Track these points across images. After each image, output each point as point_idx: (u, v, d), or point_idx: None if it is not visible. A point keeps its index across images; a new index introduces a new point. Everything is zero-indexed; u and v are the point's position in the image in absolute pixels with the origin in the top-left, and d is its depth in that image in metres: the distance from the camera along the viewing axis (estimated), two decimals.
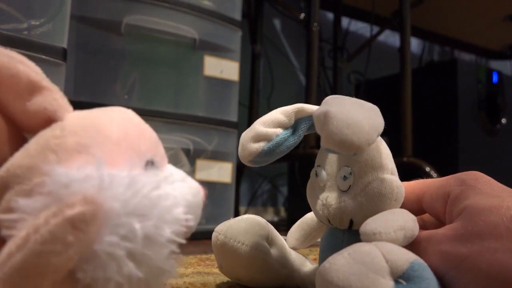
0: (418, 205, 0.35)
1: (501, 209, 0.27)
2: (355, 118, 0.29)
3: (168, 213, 0.25)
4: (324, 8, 1.73)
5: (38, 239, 0.20)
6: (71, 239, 0.21)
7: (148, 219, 0.24)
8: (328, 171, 0.36)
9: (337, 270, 0.26)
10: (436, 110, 1.48)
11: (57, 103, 0.27)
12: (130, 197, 0.23)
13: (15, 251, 0.20)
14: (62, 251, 0.21)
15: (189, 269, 0.55)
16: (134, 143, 0.27)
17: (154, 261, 0.24)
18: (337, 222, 0.35)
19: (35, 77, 0.26)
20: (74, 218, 0.21)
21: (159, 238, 0.24)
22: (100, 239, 0.22)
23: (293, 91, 1.75)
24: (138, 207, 0.23)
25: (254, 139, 0.36)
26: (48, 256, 0.21)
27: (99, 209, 0.22)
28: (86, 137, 0.26)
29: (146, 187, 0.24)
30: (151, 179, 0.25)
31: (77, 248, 0.21)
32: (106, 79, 0.92)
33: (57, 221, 0.21)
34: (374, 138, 0.30)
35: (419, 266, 0.28)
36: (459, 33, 1.94)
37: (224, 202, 1.04)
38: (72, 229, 0.21)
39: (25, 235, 0.21)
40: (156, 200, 0.24)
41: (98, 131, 0.26)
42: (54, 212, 0.21)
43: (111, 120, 0.28)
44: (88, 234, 0.22)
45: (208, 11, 0.99)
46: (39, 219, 0.21)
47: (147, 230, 0.23)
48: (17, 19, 0.65)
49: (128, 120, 0.29)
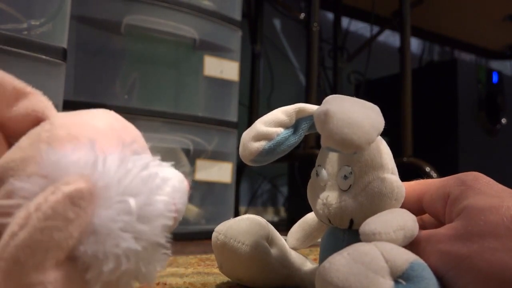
0: (418, 205, 0.35)
1: (501, 209, 0.28)
2: (355, 117, 0.29)
3: (158, 191, 0.26)
4: (324, 8, 1.73)
5: (40, 216, 0.21)
6: (71, 215, 0.22)
7: (139, 196, 0.25)
8: (329, 170, 0.36)
9: (336, 270, 0.26)
10: (436, 110, 1.48)
11: (44, 104, 0.28)
12: (122, 175, 0.25)
13: (17, 230, 0.21)
14: (63, 227, 0.22)
15: (189, 269, 0.55)
16: (119, 134, 0.29)
17: (149, 235, 0.25)
18: (338, 221, 0.35)
19: (19, 85, 0.27)
20: (72, 194, 0.22)
21: (152, 213, 0.25)
22: (98, 215, 0.23)
23: (293, 91, 1.75)
24: (129, 185, 0.25)
25: (255, 138, 0.36)
26: (50, 232, 0.21)
27: (95, 186, 0.23)
28: (75, 129, 0.27)
29: (136, 167, 0.26)
30: (139, 161, 0.27)
31: (77, 224, 0.22)
32: (106, 79, 0.92)
33: (56, 198, 0.22)
34: (374, 137, 0.30)
35: (419, 266, 0.28)
36: (459, 33, 1.94)
37: (224, 202, 1.04)
38: (71, 205, 0.22)
39: (27, 214, 0.21)
40: (146, 178, 0.26)
41: (85, 124, 0.28)
42: (52, 190, 0.22)
43: (96, 116, 0.29)
44: (86, 211, 0.23)
45: (208, 11, 0.99)
46: (38, 198, 0.22)
47: (140, 206, 0.25)
48: (17, 19, 0.65)
49: (111, 116, 0.31)
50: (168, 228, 0.27)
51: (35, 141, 0.26)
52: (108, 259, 0.23)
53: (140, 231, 0.24)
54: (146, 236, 0.25)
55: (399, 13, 1.35)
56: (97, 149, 0.25)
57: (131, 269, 0.24)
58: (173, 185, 0.29)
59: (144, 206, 0.25)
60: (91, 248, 0.23)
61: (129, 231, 0.24)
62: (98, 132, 0.28)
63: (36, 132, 0.27)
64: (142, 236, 0.24)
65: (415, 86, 1.29)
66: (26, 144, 0.26)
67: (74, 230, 0.22)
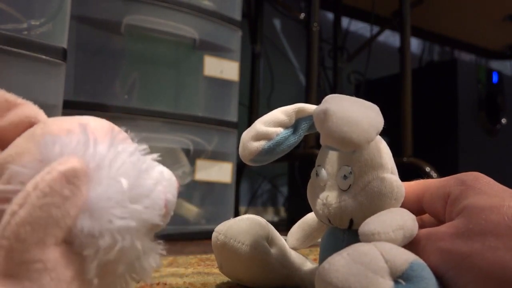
0: (418, 205, 0.35)
1: (502, 208, 0.28)
2: (354, 115, 0.29)
3: (146, 174, 0.28)
4: (324, 8, 1.73)
5: (39, 194, 0.23)
6: (66, 192, 0.23)
7: (129, 177, 0.26)
8: (329, 170, 0.36)
9: (336, 270, 0.26)
10: (436, 110, 1.48)
11: (36, 111, 0.30)
12: (113, 156, 0.26)
13: (17, 208, 0.22)
14: (60, 203, 0.23)
15: (189, 269, 0.55)
16: (108, 132, 0.30)
17: (142, 214, 0.26)
18: (337, 221, 0.35)
19: (10, 97, 0.30)
20: (67, 173, 0.23)
21: (143, 193, 0.27)
22: (92, 194, 0.25)
23: (293, 91, 1.75)
24: (121, 167, 0.26)
25: (254, 138, 0.36)
26: (48, 208, 0.23)
27: (88, 166, 0.25)
28: (67, 124, 0.29)
29: (125, 152, 0.27)
30: (128, 146, 0.28)
31: (73, 202, 0.24)
32: (106, 79, 0.92)
33: (52, 176, 0.23)
34: (373, 135, 0.30)
35: (418, 266, 0.28)
36: (459, 33, 1.94)
37: (224, 202, 1.04)
38: (66, 183, 0.23)
39: (25, 193, 0.23)
40: (134, 162, 0.27)
41: (77, 122, 0.29)
42: (48, 170, 0.23)
43: (86, 118, 0.31)
44: (80, 189, 0.24)
45: (208, 11, 0.99)
46: (35, 178, 0.23)
47: (131, 186, 0.26)
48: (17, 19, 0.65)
49: (99, 119, 0.32)
50: (161, 217, 0.28)
51: (30, 137, 0.28)
52: (104, 236, 0.24)
53: (132, 210, 0.25)
54: (138, 214, 0.26)
55: (399, 13, 1.35)
56: (89, 133, 0.27)
57: (127, 247, 0.25)
58: (161, 171, 0.30)
59: (134, 187, 0.26)
60: (86, 225, 0.24)
61: (122, 209, 0.25)
62: (90, 128, 0.29)
63: (31, 131, 0.29)
64: (135, 215, 0.26)
65: (415, 86, 1.29)
66: (21, 141, 0.28)
67: (71, 208, 0.24)
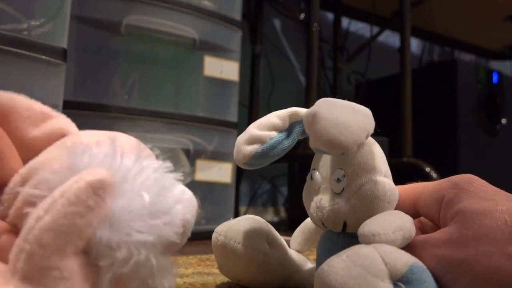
0: (414, 209, 0.34)
1: (495, 212, 0.27)
2: (343, 118, 0.29)
3: (168, 192, 0.28)
4: (324, 8, 1.72)
5: (65, 201, 0.23)
6: (91, 203, 0.24)
7: (152, 192, 0.26)
8: (323, 174, 0.36)
9: (335, 273, 0.26)
10: (436, 110, 1.48)
11: (68, 123, 0.32)
12: (138, 172, 0.27)
13: (43, 214, 0.23)
14: (84, 213, 0.23)
15: (189, 269, 0.55)
16: (135, 147, 0.31)
17: (160, 230, 0.26)
18: (331, 224, 0.35)
19: (46, 109, 0.32)
20: (94, 183, 0.24)
21: (163, 207, 0.27)
22: (114, 206, 0.25)
23: (293, 91, 1.75)
24: (145, 181, 0.27)
25: (248, 141, 0.36)
26: (73, 217, 0.23)
27: (114, 178, 0.25)
28: (97, 136, 0.30)
29: (150, 167, 0.28)
30: (153, 164, 0.29)
31: (96, 212, 0.24)
32: (106, 80, 0.92)
33: (79, 186, 0.23)
34: (363, 138, 0.30)
35: (418, 269, 0.28)
36: (459, 33, 1.94)
37: (224, 202, 1.04)
38: (92, 194, 0.24)
39: (52, 200, 0.23)
40: (158, 178, 0.28)
41: (106, 135, 0.31)
42: (76, 179, 0.24)
43: (115, 133, 0.32)
44: (105, 200, 0.24)
45: (208, 11, 0.99)
46: (63, 186, 0.23)
47: (153, 202, 0.26)
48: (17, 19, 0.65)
49: (128, 136, 0.33)
50: (177, 236, 0.28)
51: (61, 147, 0.29)
52: (121, 248, 0.24)
53: (151, 225, 0.26)
54: (157, 230, 0.26)
55: (399, 13, 1.35)
56: (117, 146, 0.27)
57: (142, 261, 0.25)
58: (183, 190, 0.30)
59: (155, 203, 0.26)
60: (105, 235, 0.24)
61: (141, 224, 0.25)
62: (119, 142, 0.30)
63: (62, 141, 0.30)
64: (153, 231, 0.26)
65: (415, 86, 1.29)
66: (52, 149, 0.29)
67: (94, 218, 0.24)
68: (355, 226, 0.32)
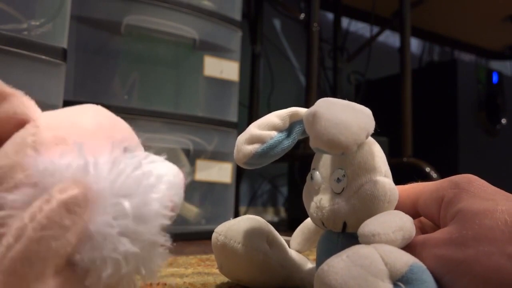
0: (414, 209, 0.34)
1: (495, 212, 0.27)
2: (343, 118, 0.29)
3: (152, 190, 0.26)
4: (324, 8, 1.72)
5: (36, 226, 0.21)
6: (67, 222, 0.22)
7: (134, 197, 0.24)
8: (323, 174, 0.36)
9: (335, 273, 0.26)
10: (436, 110, 1.48)
11: (25, 106, 0.26)
12: (115, 177, 0.24)
13: (13, 242, 0.21)
14: (60, 235, 0.21)
15: (189, 269, 0.55)
16: (109, 133, 0.28)
17: (147, 236, 0.25)
18: (331, 224, 0.35)
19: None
20: (67, 201, 0.22)
21: (148, 213, 0.25)
22: (93, 221, 0.23)
23: (293, 91, 1.75)
24: (123, 186, 0.24)
25: (248, 141, 0.36)
26: (47, 241, 0.21)
27: (89, 192, 0.23)
28: (61, 131, 0.26)
29: (128, 167, 0.25)
30: (131, 160, 0.26)
31: (74, 231, 0.22)
32: (106, 79, 0.92)
33: (51, 207, 0.21)
34: (362, 137, 0.30)
35: (418, 269, 0.28)
36: (459, 33, 1.94)
37: (224, 202, 1.04)
38: (67, 213, 0.22)
39: (22, 225, 0.21)
40: (139, 178, 0.25)
41: (72, 125, 0.27)
42: (46, 199, 0.21)
43: (83, 115, 0.28)
44: (82, 217, 0.22)
45: (208, 11, 0.99)
46: (32, 208, 0.21)
47: (136, 207, 0.24)
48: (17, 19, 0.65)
49: (100, 113, 0.30)
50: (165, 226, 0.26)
51: (21, 147, 0.25)
52: (106, 264, 0.23)
53: (137, 232, 0.24)
54: (144, 236, 0.24)
55: (399, 13, 1.34)
56: (86, 151, 0.24)
57: (131, 271, 0.24)
58: (168, 181, 0.28)
59: (139, 207, 0.24)
60: (87, 255, 0.23)
61: (126, 234, 0.24)
62: (86, 132, 0.27)
63: (22, 137, 0.25)
64: (140, 237, 0.24)
65: (415, 86, 1.29)
66: (12, 150, 0.25)
67: (72, 237, 0.22)
68: (355, 226, 0.32)
